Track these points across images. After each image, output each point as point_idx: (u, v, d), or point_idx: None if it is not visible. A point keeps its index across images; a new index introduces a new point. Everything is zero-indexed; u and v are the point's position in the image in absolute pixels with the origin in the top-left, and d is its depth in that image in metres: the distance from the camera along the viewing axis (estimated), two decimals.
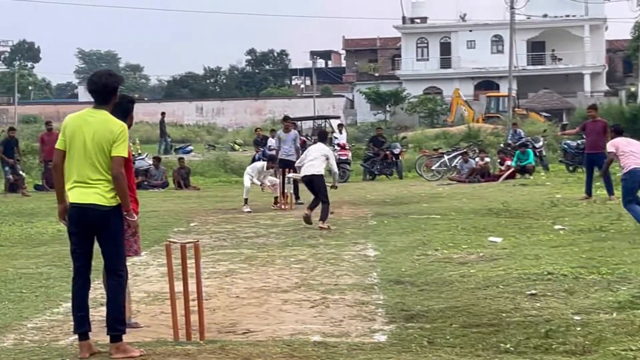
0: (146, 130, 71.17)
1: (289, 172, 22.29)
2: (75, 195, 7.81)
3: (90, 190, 7.75)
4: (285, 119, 25.53)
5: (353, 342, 8.21)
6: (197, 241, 8.78)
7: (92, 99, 8.04)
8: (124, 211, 7.85)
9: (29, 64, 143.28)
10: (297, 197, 23.28)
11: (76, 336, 8.57)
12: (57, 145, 7.95)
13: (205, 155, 43.64)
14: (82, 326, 7.84)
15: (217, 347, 8.02)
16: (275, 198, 22.55)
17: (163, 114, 54.97)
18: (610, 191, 20.71)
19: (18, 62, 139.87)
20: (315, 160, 18.44)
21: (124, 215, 7.86)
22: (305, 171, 18.48)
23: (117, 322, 7.84)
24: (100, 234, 7.85)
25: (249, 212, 21.24)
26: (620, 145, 15.99)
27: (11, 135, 30.38)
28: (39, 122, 79.27)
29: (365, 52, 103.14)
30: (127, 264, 11.74)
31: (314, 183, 18.35)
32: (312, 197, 18.50)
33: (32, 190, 30.10)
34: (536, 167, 32.29)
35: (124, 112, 8.50)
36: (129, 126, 8.48)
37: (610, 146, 16.19)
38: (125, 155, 7.84)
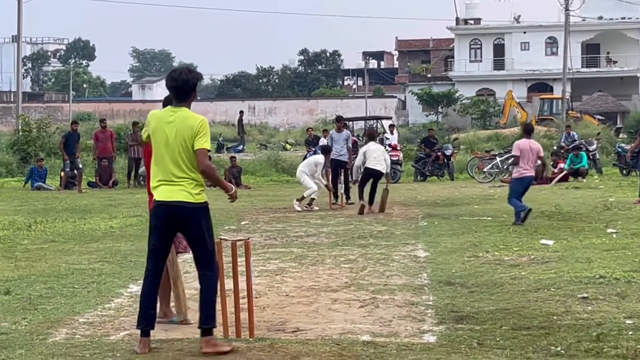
0: None
1: (342, 172, 22.56)
2: (162, 193, 7.84)
3: (176, 188, 7.79)
4: (339, 119, 25.55)
5: (402, 343, 8.19)
6: (248, 239, 8.82)
7: (145, 97, 8.10)
8: (227, 195, 8.28)
9: (84, 62, 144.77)
10: (348, 197, 23.29)
11: (128, 331, 8.68)
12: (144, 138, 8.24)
13: (257, 155, 43.77)
14: (148, 323, 7.87)
15: (266, 345, 8.04)
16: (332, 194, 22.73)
17: (241, 112, 55.18)
18: None
19: (73, 60, 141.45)
20: (381, 158, 20.59)
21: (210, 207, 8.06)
22: (373, 165, 20.51)
23: (208, 318, 7.84)
24: (187, 232, 7.94)
25: (317, 209, 21.82)
26: None
27: (74, 129, 30.65)
28: (93, 119, 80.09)
29: (418, 53, 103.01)
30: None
31: (378, 179, 20.64)
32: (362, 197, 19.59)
33: (86, 187, 30.36)
34: (589, 170, 32.01)
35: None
36: None
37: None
38: (208, 147, 7.92)
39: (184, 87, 7.91)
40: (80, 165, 29.92)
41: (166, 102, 8.31)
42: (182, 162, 7.78)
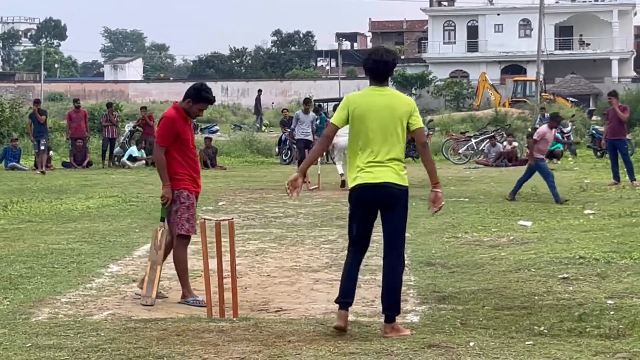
0: None
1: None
2: (369, 175, 7.76)
3: (385, 169, 7.77)
4: (306, 101, 25.80)
5: None
6: (232, 219, 8.80)
7: (117, 77, 8.09)
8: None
9: (55, 42, 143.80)
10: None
11: (111, 311, 8.66)
12: (335, 121, 7.88)
13: (232, 136, 43.69)
14: (348, 296, 7.85)
15: (250, 325, 8.05)
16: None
17: (260, 91, 55.06)
18: (631, 177, 20.95)
19: (44, 40, 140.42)
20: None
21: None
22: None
23: (393, 306, 7.80)
24: (389, 214, 7.89)
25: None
26: None
27: (37, 109, 29.56)
28: (65, 100, 79.63)
29: (392, 35, 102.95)
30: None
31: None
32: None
33: (60, 167, 30.22)
34: (564, 152, 32.16)
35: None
36: (194, 116, 9.37)
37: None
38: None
39: (385, 68, 7.90)
40: (42, 147, 28.68)
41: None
42: (397, 143, 7.76)
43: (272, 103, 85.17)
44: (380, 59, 7.88)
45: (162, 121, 9.37)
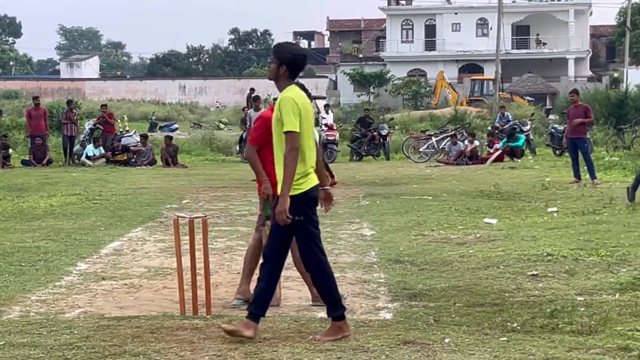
0: (128, 107, 70.85)
1: None
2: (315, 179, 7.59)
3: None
4: (255, 98, 26.16)
5: (359, 319, 8.24)
6: (205, 216, 8.79)
7: (74, 75, 7.94)
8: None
9: (10, 39, 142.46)
10: None
11: (83, 309, 8.62)
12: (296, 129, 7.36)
13: (192, 134, 43.58)
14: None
15: (224, 322, 8.03)
16: None
17: (252, 89, 54.92)
18: (592, 175, 21.13)
19: None
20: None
21: None
22: None
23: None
24: None
25: None
26: None
27: None
28: (20, 97, 78.97)
29: (349, 33, 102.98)
30: (125, 239, 11.83)
31: None
32: None
33: (19, 165, 29.99)
34: (524, 150, 32.38)
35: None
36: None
37: None
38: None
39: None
40: None
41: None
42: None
43: (217, 101, 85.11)
44: (306, 55, 7.66)
45: (259, 121, 9.13)
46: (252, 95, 58.00)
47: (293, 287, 9.94)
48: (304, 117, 7.41)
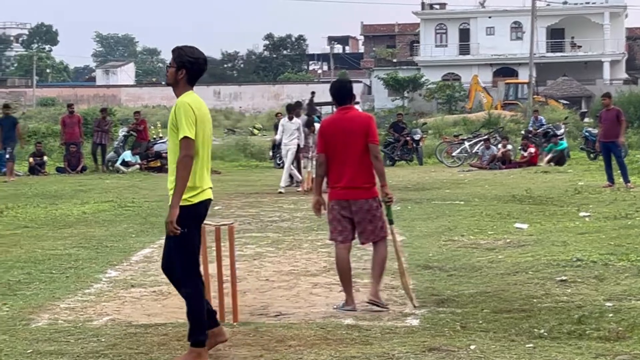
0: (164, 114, 71.06)
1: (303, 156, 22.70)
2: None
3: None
4: (289, 109, 25.96)
5: (386, 326, 8.23)
6: (232, 223, 8.81)
7: (109, 82, 7.88)
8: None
9: (47, 47, 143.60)
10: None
11: (111, 316, 8.66)
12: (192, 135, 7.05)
13: (225, 140, 43.70)
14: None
15: (251, 329, 8.06)
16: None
17: (313, 93, 55.08)
18: (626, 179, 21.02)
19: (36, 45, 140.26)
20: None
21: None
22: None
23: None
24: None
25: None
26: None
27: (6, 113, 27.84)
28: (57, 104, 79.54)
29: (384, 38, 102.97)
30: (156, 245, 11.91)
31: None
32: None
33: (54, 172, 30.19)
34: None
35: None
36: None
37: None
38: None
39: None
40: (7, 156, 27.32)
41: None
42: None
43: (240, 107, 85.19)
44: (205, 60, 7.34)
45: (373, 122, 9.29)
46: (311, 98, 58.08)
47: (321, 293, 9.95)
48: (199, 126, 7.09)
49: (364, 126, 9.10)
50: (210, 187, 7.25)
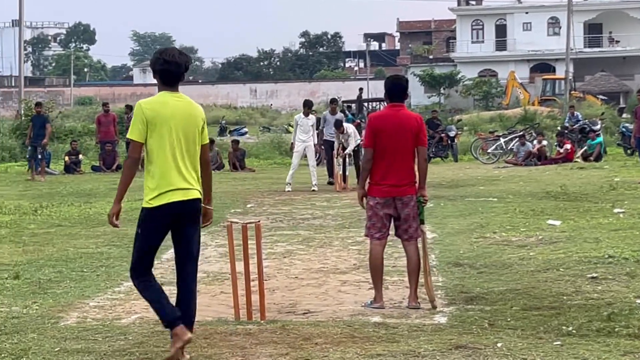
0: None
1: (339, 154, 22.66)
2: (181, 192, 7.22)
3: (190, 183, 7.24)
4: (332, 101, 25.76)
5: (413, 324, 8.21)
6: (259, 221, 8.80)
7: (146, 81, 7.86)
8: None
9: (85, 46, 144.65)
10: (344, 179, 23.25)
11: (139, 314, 8.68)
12: (136, 137, 7.03)
13: (260, 137, 43.77)
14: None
15: (278, 327, 8.05)
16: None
17: (361, 89, 54.95)
18: None
19: (74, 44, 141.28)
20: None
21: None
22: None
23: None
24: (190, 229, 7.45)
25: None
26: None
27: (38, 111, 28.06)
28: (94, 103, 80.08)
29: (420, 35, 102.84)
30: None
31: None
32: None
33: (89, 171, 30.37)
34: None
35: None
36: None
37: None
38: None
39: (178, 71, 7.08)
40: (40, 155, 27.35)
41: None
42: (196, 154, 7.17)
43: (271, 104, 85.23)
44: (171, 59, 7.03)
45: (424, 123, 9.27)
46: (359, 95, 57.94)
47: (349, 291, 9.93)
48: (157, 127, 6.98)
49: (416, 127, 9.08)
50: (188, 188, 7.10)
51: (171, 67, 7.03)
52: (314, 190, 21.92)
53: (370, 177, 9.16)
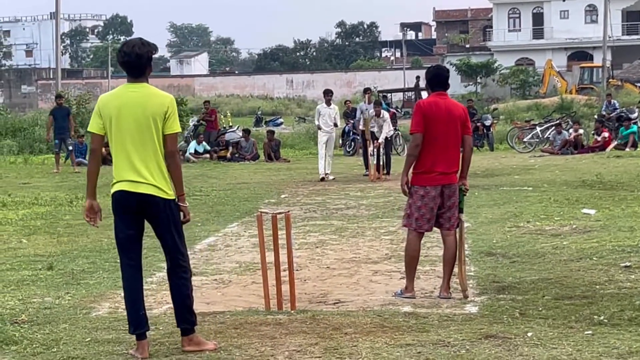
0: (237, 102, 71.62)
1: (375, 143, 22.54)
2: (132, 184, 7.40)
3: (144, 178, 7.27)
4: (366, 91, 25.77)
5: (444, 313, 8.19)
6: (288, 211, 8.80)
7: (183, 72, 7.93)
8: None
9: (122, 38, 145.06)
10: (388, 170, 23.18)
11: (170, 305, 8.70)
12: (95, 130, 7.10)
13: (295, 128, 43.81)
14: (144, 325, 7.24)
15: (308, 317, 8.05)
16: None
17: (418, 77, 54.80)
18: None
19: (111, 36, 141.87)
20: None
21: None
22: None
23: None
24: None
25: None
26: None
27: (59, 103, 28.21)
28: None
29: (456, 24, 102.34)
30: (220, 234, 11.97)
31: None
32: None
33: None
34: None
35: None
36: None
37: None
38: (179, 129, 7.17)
39: (138, 62, 6.99)
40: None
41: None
42: (154, 146, 7.03)
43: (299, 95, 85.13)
44: (130, 50, 6.97)
45: (415, 108, 9.24)
46: (416, 83, 57.59)
47: (380, 280, 9.92)
48: (112, 119, 7.01)
49: (463, 115, 9.08)
50: (139, 182, 7.19)
51: (131, 58, 6.98)
52: (323, 180, 22.01)
53: (417, 165, 9.02)
